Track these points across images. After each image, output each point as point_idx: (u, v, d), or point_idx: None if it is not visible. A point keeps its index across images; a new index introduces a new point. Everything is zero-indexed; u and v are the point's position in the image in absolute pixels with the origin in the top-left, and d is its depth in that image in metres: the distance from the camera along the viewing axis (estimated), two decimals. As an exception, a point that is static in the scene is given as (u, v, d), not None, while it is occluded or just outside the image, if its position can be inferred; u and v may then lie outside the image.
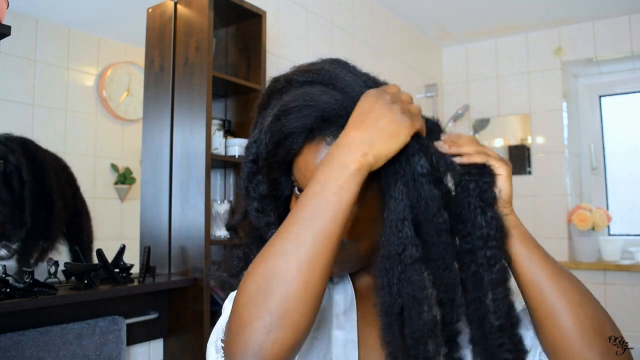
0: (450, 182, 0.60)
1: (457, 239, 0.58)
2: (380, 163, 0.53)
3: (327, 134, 0.59)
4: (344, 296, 0.67)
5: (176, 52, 1.61)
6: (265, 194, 0.63)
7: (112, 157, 1.57)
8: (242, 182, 0.64)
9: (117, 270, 1.37)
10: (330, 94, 0.59)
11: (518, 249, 0.59)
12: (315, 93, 0.59)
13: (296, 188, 0.64)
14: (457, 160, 0.61)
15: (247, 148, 0.63)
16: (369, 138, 0.53)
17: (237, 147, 1.65)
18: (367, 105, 0.55)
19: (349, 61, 0.65)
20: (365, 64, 0.67)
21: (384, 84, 0.64)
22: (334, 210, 0.50)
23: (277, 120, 0.59)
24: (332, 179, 0.51)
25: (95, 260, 1.35)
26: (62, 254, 1.38)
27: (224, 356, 0.51)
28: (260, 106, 0.67)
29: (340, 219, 0.51)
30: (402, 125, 0.54)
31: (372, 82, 0.63)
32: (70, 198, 1.43)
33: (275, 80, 0.65)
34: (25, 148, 1.32)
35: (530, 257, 0.58)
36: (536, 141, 3.16)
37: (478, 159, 0.61)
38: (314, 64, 0.65)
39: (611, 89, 3.21)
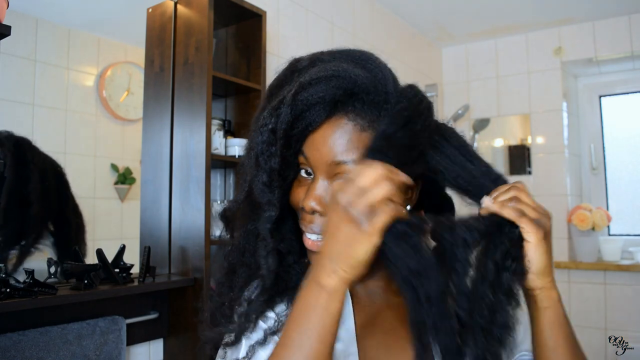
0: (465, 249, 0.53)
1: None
2: (359, 271, 0.51)
3: (349, 110, 0.58)
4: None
5: (176, 52, 1.61)
6: (276, 168, 0.59)
7: (112, 157, 1.57)
8: (252, 152, 0.60)
9: (117, 270, 1.37)
10: (360, 70, 0.59)
11: (546, 335, 0.56)
12: (345, 66, 0.58)
13: (302, 171, 0.62)
14: (486, 206, 0.56)
15: (265, 117, 0.60)
16: (336, 252, 0.51)
17: (237, 147, 1.65)
18: (330, 213, 0.52)
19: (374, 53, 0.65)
20: (366, 64, 0.67)
21: (401, 85, 0.62)
22: (318, 332, 0.50)
23: (302, 90, 0.57)
24: (312, 300, 0.51)
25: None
26: (46, 253, 1.37)
27: None
28: (274, 86, 0.63)
29: (328, 338, 0.51)
30: (360, 233, 0.49)
31: (393, 78, 0.62)
32: (55, 203, 1.40)
33: (297, 60, 0.63)
34: (18, 147, 1.30)
35: (554, 348, 0.55)
36: (536, 141, 3.16)
37: (507, 214, 0.55)
38: (339, 49, 0.63)
39: (611, 89, 3.21)
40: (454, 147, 0.61)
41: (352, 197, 0.50)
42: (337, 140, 0.58)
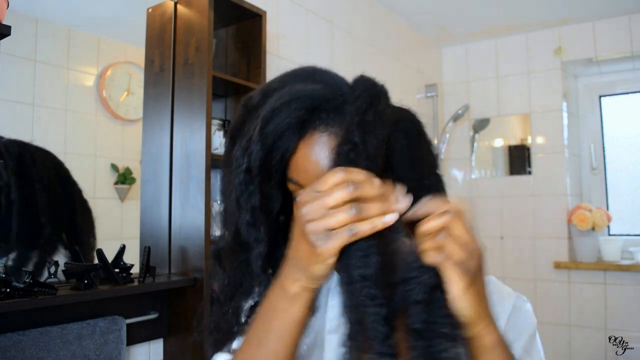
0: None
1: None
2: (320, 282, 0.53)
3: (317, 124, 0.59)
4: (339, 300, 0.65)
5: (176, 52, 1.61)
6: (256, 206, 0.60)
7: (112, 157, 1.57)
8: (232, 194, 0.62)
9: (117, 270, 1.37)
10: (313, 85, 0.60)
11: None
12: (298, 87, 0.59)
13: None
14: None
15: (238, 158, 0.61)
16: (296, 263, 0.53)
17: (237, 147, 1.64)
18: (296, 223, 0.54)
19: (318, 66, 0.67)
20: (365, 64, 0.68)
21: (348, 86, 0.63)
22: (279, 334, 0.54)
23: (267, 123, 0.58)
24: (275, 302, 0.55)
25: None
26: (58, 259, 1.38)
27: None
28: (235, 128, 0.64)
29: (288, 341, 0.54)
30: (315, 254, 0.51)
31: (343, 81, 0.63)
32: (66, 216, 1.41)
33: (249, 97, 0.64)
34: (20, 162, 1.29)
35: None
36: (536, 141, 3.16)
37: (428, 257, 0.51)
38: (285, 73, 0.65)
39: (611, 89, 3.21)
40: (405, 140, 0.61)
41: (312, 216, 0.50)
42: (319, 154, 0.58)
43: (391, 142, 0.59)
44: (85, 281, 1.24)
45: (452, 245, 0.50)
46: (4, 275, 1.10)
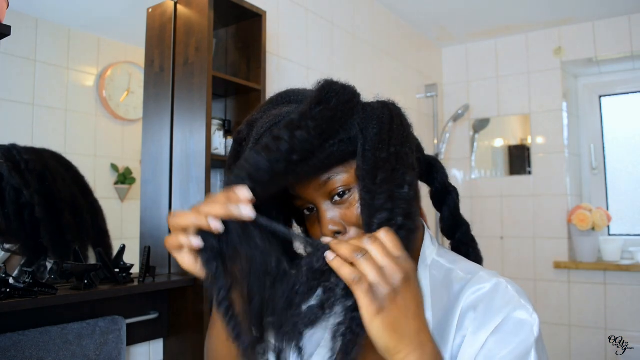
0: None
1: None
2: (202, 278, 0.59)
3: None
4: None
5: (176, 52, 1.61)
6: None
7: (112, 157, 1.57)
8: None
9: (117, 270, 1.37)
10: (286, 106, 0.64)
11: None
12: (275, 112, 0.63)
13: (305, 211, 0.67)
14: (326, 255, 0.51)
15: None
16: None
17: (237, 147, 1.64)
18: None
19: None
20: (365, 64, 0.68)
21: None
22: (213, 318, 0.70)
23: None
24: None
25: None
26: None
27: None
28: (231, 162, 0.68)
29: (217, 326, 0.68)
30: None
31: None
32: (91, 231, 1.45)
33: (238, 132, 0.68)
34: (41, 180, 1.31)
35: None
36: (536, 141, 3.16)
37: (342, 274, 0.49)
38: (264, 102, 0.69)
39: (611, 89, 3.21)
40: (376, 127, 0.60)
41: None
42: None
43: (363, 134, 0.61)
44: (85, 281, 1.24)
45: (366, 266, 0.48)
46: (4, 275, 1.10)
